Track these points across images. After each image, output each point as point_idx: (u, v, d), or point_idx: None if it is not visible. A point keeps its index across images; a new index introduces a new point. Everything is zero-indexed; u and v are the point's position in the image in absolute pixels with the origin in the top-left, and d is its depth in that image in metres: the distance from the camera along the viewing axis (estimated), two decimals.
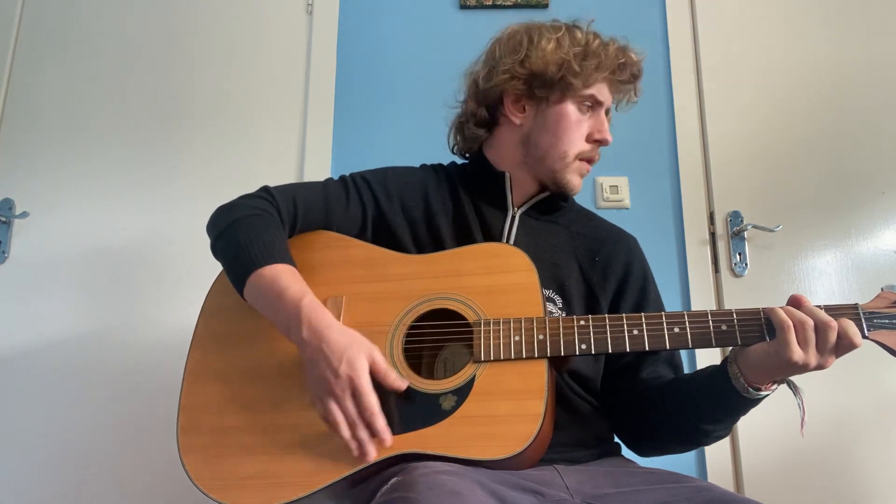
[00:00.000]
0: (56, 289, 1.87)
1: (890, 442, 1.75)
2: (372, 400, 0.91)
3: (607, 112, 1.19)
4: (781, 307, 0.91)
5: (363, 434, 0.91)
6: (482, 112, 1.20)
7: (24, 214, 1.89)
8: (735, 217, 1.91)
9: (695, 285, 1.87)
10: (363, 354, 0.93)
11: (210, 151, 1.98)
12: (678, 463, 1.61)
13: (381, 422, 0.92)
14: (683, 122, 1.99)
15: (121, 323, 1.84)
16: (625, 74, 1.15)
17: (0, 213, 1.90)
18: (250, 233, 1.03)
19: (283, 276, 0.99)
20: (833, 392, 1.76)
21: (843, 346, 0.88)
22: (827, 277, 1.87)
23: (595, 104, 1.15)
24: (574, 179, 1.16)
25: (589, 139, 1.15)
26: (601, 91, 1.14)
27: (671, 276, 1.87)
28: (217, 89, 2.03)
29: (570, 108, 1.14)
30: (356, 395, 0.91)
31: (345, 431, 0.91)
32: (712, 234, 1.91)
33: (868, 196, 1.92)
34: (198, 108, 2.02)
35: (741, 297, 1.85)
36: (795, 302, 0.92)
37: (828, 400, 1.75)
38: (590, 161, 1.17)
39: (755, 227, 1.87)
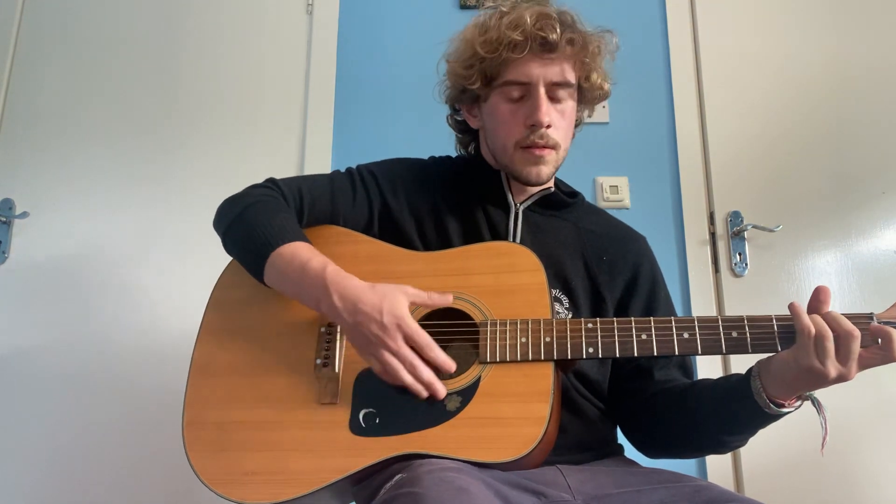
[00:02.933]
0: (56, 288, 1.87)
1: (890, 443, 1.76)
2: (425, 336, 0.92)
3: (559, 86, 1.07)
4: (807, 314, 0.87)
5: (426, 373, 0.92)
6: (455, 122, 1.26)
7: (24, 214, 1.89)
8: (735, 217, 1.91)
9: (695, 285, 1.87)
10: (401, 299, 0.94)
11: (210, 151, 1.98)
12: (679, 463, 1.61)
13: (440, 353, 0.93)
14: (683, 122, 1.99)
15: (122, 322, 1.84)
16: (519, 47, 1.04)
17: (0, 213, 1.90)
18: (262, 217, 1.03)
19: (301, 251, 1.00)
20: (833, 393, 1.75)
21: (884, 357, 0.85)
22: (827, 277, 1.87)
23: (521, 87, 1.07)
24: (526, 170, 1.10)
25: (525, 124, 1.08)
26: (516, 73, 1.06)
27: (671, 276, 1.87)
28: (217, 89, 2.03)
29: (497, 101, 1.10)
30: (409, 338, 0.92)
31: (406, 376, 0.92)
32: (712, 234, 1.91)
33: (868, 196, 1.92)
34: (198, 108, 2.01)
35: (741, 297, 1.86)
36: (816, 298, 0.89)
37: (828, 400, 1.74)
38: (532, 146, 1.08)
39: (755, 227, 1.87)
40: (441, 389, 0.92)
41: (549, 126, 1.07)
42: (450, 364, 0.93)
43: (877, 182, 1.93)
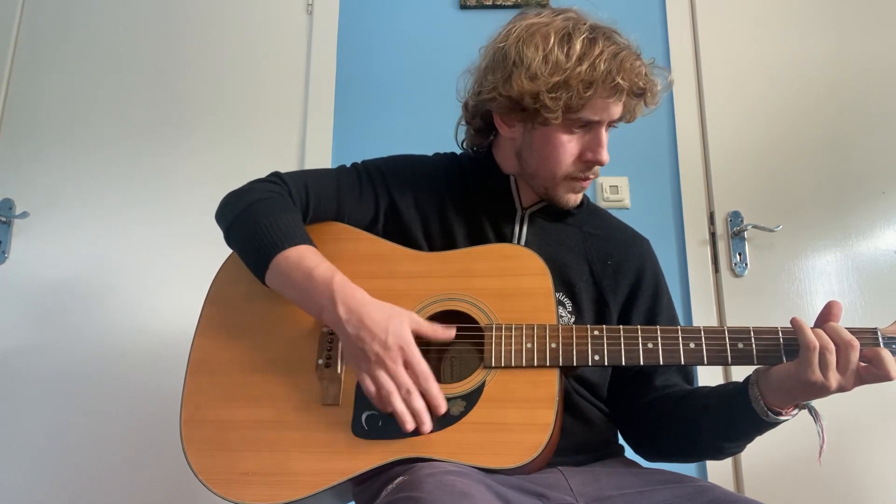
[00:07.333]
0: (56, 288, 1.87)
1: (890, 443, 1.76)
2: (425, 367, 0.91)
3: (612, 124, 1.08)
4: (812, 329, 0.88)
5: (418, 403, 0.90)
6: (478, 122, 1.16)
7: (24, 214, 1.89)
8: (735, 217, 1.91)
9: (695, 285, 1.87)
10: (406, 323, 0.93)
11: (210, 151, 1.98)
12: (679, 464, 1.61)
13: (436, 387, 0.92)
14: (683, 122, 1.99)
15: (122, 321, 1.84)
16: (618, 93, 1.02)
17: (0, 213, 1.90)
18: (267, 216, 1.01)
19: (307, 256, 0.98)
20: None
21: (877, 375, 0.85)
22: (827, 277, 1.88)
23: (588, 123, 1.04)
24: (566, 197, 1.10)
25: (581, 158, 1.05)
26: (594, 111, 1.02)
27: (671, 277, 1.86)
28: (217, 89, 2.03)
29: (558, 131, 1.03)
30: (409, 364, 0.91)
31: (398, 402, 0.90)
32: (712, 234, 1.91)
33: (868, 196, 1.92)
34: (198, 108, 2.01)
35: (741, 297, 1.86)
36: (829, 312, 0.90)
37: (828, 401, 1.75)
38: (584, 180, 1.08)
39: (755, 227, 1.87)
40: (429, 423, 0.91)
41: None
42: (442, 402, 0.91)
43: (877, 182, 1.93)
